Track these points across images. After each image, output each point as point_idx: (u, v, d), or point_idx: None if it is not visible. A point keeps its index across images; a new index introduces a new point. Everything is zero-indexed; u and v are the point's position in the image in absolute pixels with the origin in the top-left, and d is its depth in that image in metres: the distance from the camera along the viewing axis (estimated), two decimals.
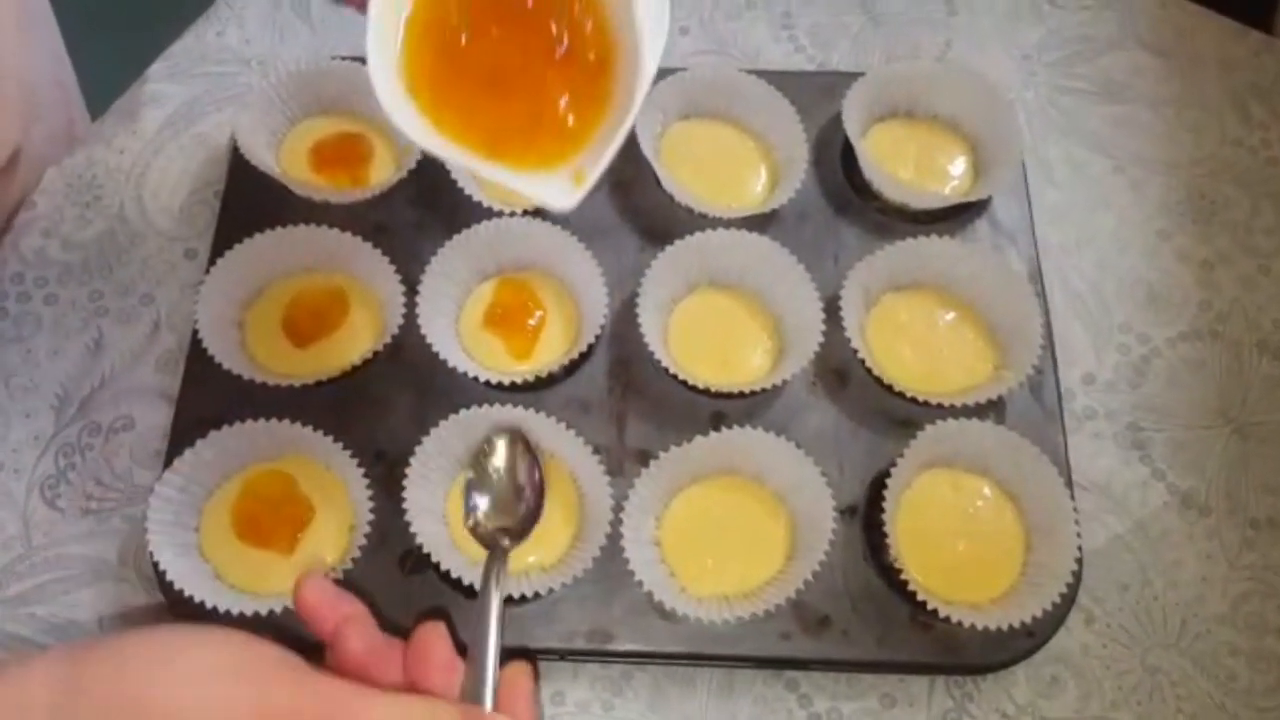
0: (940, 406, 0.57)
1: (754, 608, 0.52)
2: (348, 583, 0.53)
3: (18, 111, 0.67)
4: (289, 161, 0.65)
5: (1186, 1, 0.75)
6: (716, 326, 0.61)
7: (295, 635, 0.51)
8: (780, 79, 0.65)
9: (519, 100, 0.41)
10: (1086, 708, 0.54)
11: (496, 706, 0.47)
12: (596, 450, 0.56)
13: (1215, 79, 0.72)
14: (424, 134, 0.40)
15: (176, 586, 0.52)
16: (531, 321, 0.60)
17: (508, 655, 0.54)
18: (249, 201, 0.64)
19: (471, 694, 0.47)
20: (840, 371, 0.60)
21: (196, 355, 0.59)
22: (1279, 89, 0.72)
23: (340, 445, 0.56)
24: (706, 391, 0.58)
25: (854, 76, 0.65)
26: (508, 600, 0.53)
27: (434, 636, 0.49)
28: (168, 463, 0.56)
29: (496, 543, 0.53)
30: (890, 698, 0.54)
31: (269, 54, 0.72)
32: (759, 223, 0.62)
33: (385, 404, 0.59)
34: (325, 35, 0.73)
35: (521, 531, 0.54)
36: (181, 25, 0.73)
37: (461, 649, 0.49)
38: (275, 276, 0.62)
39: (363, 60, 0.67)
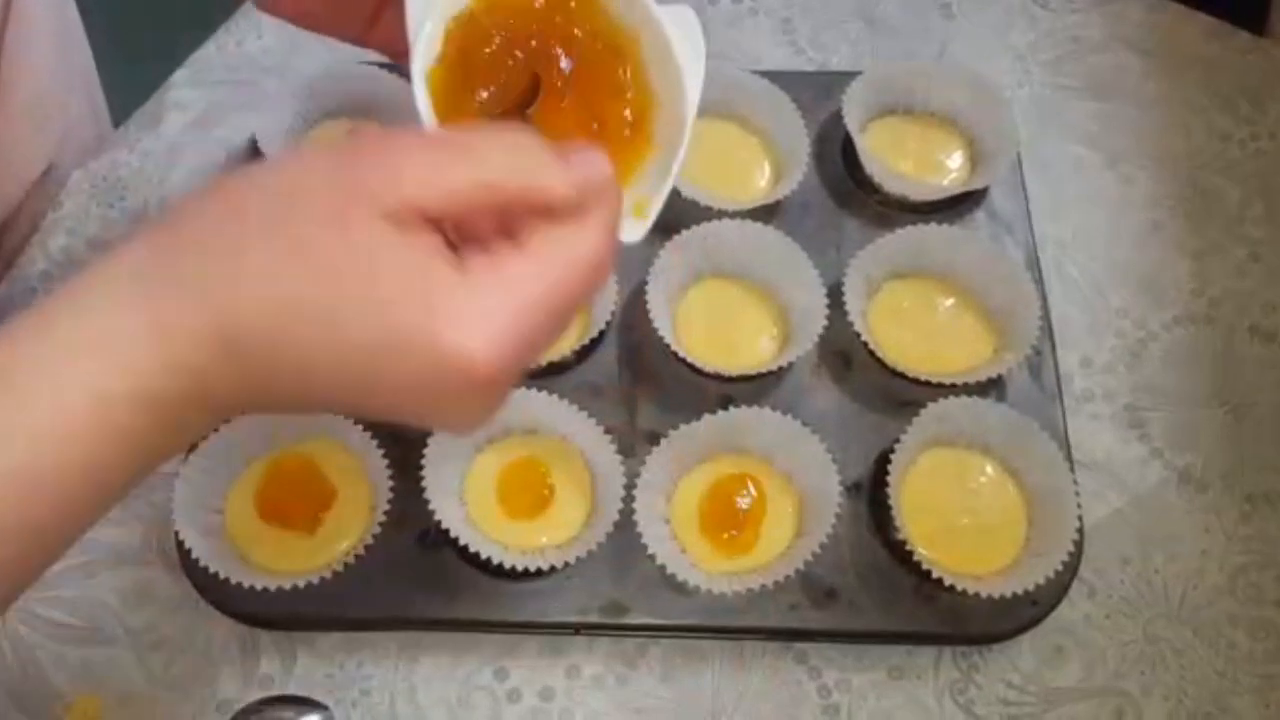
0: (942, 386, 0.59)
1: (763, 579, 0.53)
2: (368, 560, 0.54)
3: (54, 129, 0.69)
4: None
5: (1173, 3, 0.78)
6: (723, 313, 0.63)
7: (316, 614, 0.53)
8: (781, 78, 0.67)
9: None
10: (1091, 677, 0.56)
11: None
12: (608, 431, 0.58)
13: (1203, 77, 0.74)
14: None
15: (201, 564, 0.54)
16: None
17: (516, 628, 0.55)
18: None
19: None
20: (844, 354, 0.62)
21: None
22: (1266, 86, 0.74)
23: (359, 428, 0.57)
24: (715, 375, 0.59)
25: (852, 76, 0.67)
26: (520, 574, 0.54)
27: None
28: (191, 448, 0.58)
29: None
30: (898, 669, 0.56)
31: (285, 63, 0.75)
32: (763, 214, 0.64)
33: None
34: (337, 44, 0.75)
35: None
36: (202, 35, 0.76)
37: None
38: None
39: (374, 64, 0.69)
